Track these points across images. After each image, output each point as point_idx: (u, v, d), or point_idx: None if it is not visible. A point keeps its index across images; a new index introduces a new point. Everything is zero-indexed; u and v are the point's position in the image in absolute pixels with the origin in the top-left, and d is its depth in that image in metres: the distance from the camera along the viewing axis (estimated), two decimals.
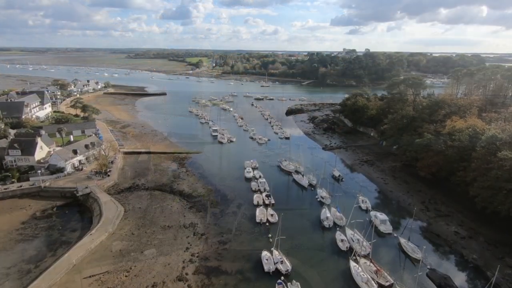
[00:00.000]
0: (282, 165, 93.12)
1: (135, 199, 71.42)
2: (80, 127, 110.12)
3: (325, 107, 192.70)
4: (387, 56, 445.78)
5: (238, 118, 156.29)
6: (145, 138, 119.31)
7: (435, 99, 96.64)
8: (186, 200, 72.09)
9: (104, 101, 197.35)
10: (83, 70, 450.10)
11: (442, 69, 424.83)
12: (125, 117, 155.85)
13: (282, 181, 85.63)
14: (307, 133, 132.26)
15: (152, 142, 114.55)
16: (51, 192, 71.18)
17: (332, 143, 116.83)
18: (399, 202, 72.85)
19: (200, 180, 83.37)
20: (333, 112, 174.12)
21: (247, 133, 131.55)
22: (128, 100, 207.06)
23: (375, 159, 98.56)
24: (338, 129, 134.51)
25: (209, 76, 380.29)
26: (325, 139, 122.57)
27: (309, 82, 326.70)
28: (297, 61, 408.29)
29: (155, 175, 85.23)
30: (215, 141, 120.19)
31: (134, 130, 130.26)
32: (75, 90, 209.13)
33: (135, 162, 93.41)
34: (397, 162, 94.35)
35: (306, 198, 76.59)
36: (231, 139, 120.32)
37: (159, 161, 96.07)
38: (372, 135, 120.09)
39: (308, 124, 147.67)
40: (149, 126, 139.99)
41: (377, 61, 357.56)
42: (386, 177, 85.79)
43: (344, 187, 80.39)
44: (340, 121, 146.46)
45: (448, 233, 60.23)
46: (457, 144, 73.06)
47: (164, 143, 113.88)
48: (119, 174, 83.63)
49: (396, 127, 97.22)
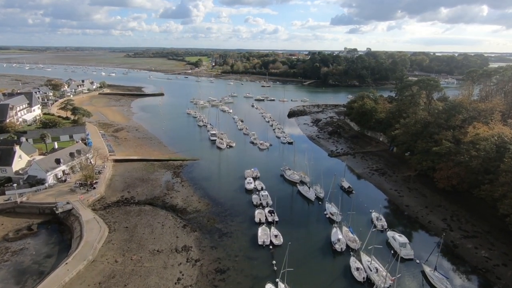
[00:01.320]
0: (285, 174, 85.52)
1: (122, 216, 63.78)
2: (68, 132, 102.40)
3: (329, 108, 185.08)
4: (389, 56, 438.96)
5: (238, 121, 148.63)
6: (139, 143, 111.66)
7: (451, 102, 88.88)
8: (179, 217, 64.45)
9: (99, 102, 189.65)
10: (80, 69, 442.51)
11: (446, 68, 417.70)
12: (119, 120, 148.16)
13: (286, 193, 78.00)
14: (311, 137, 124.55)
15: (146, 148, 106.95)
16: (28, 208, 63.55)
17: (339, 148, 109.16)
18: (418, 219, 65.22)
19: (196, 192, 75.77)
20: (337, 114, 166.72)
21: (248, 137, 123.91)
22: (124, 101, 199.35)
23: (386, 168, 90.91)
24: (344, 133, 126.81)
25: (209, 76, 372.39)
26: (331, 144, 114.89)
27: (310, 82, 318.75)
28: (298, 61, 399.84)
29: (147, 186, 77.58)
30: (213, 146, 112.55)
31: (128, 134, 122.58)
32: (69, 90, 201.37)
33: (125, 171, 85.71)
34: (411, 171, 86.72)
35: (313, 213, 69.00)
36: (231, 144, 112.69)
37: (152, 169, 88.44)
38: (381, 140, 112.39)
39: (312, 127, 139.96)
40: (144, 129, 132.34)
41: (380, 61, 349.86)
42: (400, 188, 78.14)
43: (354, 200, 72.73)
44: (345, 125, 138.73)
45: (477, 259, 52.66)
46: (482, 154, 65.42)
47: (158, 149, 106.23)
48: (107, 185, 75.97)
49: (409, 132, 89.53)
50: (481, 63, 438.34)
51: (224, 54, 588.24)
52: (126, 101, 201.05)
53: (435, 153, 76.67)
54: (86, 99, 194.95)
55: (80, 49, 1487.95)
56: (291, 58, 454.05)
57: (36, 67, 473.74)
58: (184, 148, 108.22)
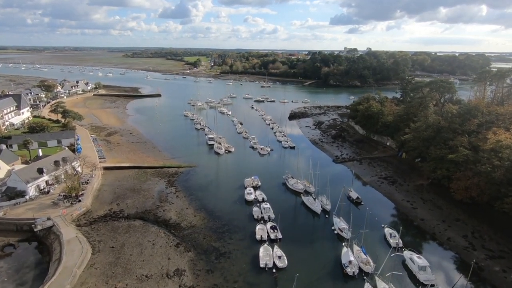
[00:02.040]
0: (288, 183, 79.45)
1: (109, 233, 57.61)
2: (56, 137, 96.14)
3: (331, 110, 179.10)
4: (390, 56, 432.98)
5: (237, 123, 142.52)
6: (132, 148, 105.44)
7: (466, 105, 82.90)
8: (172, 233, 58.31)
9: (93, 104, 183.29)
10: (77, 70, 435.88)
11: (448, 68, 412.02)
12: (113, 122, 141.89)
13: (289, 204, 71.97)
14: (314, 141, 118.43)
15: (140, 153, 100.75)
16: (5, 224, 57.32)
17: (344, 154, 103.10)
18: (435, 235, 59.19)
19: (192, 203, 69.64)
20: (340, 116, 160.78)
21: (247, 141, 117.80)
22: (119, 103, 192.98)
23: (396, 176, 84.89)
24: (349, 137, 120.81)
25: (207, 76, 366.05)
26: (335, 149, 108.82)
27: (311, 82, 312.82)
28: (298, 61, 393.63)
29: (138, 197, 71.38)
30: (211, 152, 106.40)
31: (121, 139, 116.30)
32: (63, 91, 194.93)
33: (116, 180, 79.49)
34: (423, 179, 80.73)
35: (319, 228, 62.90)
36: (229, 149, 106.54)
37: (145, 178, 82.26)
38: (388, 145, 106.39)
39: (315, 131, 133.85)
40: (138, 133, 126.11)
41: (381, 61, 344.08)
42: (413, 199, 72.12)
43: (364, 213, 66.74)
44: (350, 128, 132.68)
45: (507, 285, 46.67)
46: (506, 164, 59.48)
47: (153, 155, 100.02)
48: (94, 197, 69.74)
49: (420, 137, 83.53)
50: (483, 63, 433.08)
51: (223, 54, 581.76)
52: (121, 102, 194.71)
53: (451, 160, 70.75)
54: (80, 101, 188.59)
55: (79, 49, 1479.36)
56: (291, 58, 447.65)
57: (33, 67, 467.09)
58: (180, 154, 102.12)
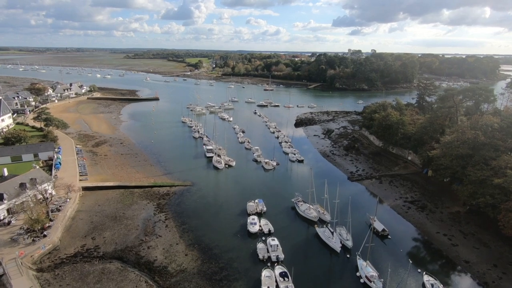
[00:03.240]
0: (299, 208, 67.33)
1: (75, 283, 45.58)
2: (32, 150, 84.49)
3: (340, 116, 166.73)
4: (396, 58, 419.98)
5: (239, 132, 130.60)
6: (120, 162, 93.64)
7: (509, 118, 70.47)
8: (157, 283, 46.24)
9: (85, 109, 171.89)
10: (75, 71, 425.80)
11: (457, 71, 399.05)
12: (104, 130, 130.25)
13: (301, 238, 59.74)
14: (324, 153, 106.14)
15: (128, 168, 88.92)
16: None
17: (360, 169, 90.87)
18: (489, 286, 46.83)
19: (183, 237, 57.68)
20: (350, 124, 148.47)
21: (250, 152, 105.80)
22: (114, 107, 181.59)
23: (425, 199, 72.51)
24: (363, 148, 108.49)
25: (208, 78, 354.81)
26: (349, 163, 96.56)
27: (316, 85, 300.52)
28: (302, 63, 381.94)
29: (119, 229, 59.45)
30: (209, 166, 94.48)
31: (109, 150, 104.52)
32: (54, 95, 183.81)
33: (95, 205, 67.60)
34: (459, 205, 68.34)
35: (341, 273, 50.59)
36: (230, 163, 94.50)
37: (130, 200, 70.38)
38: (409, 160, 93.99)
39: (324, 140, 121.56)
40: (130, 142, 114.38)
41: (389, 63, 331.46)
42: (451, 232, 59.74)
43: (393, 250, 54.56)
44: (363, 138, 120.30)
45: None
46: None
47: (143, 170, 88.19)
48: (65, 229, 57.86)
49: (453, 154, 71.17)
50: (493, 65, 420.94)
51: (225, 56, 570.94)
52: (116, 106, 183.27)
53: (496, 186, 58.44)
54: (72, 105, 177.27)
55: (81, 50, 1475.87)
56: (294, 60, 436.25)
57: (31, 68, 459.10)
58: (174, 168, 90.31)
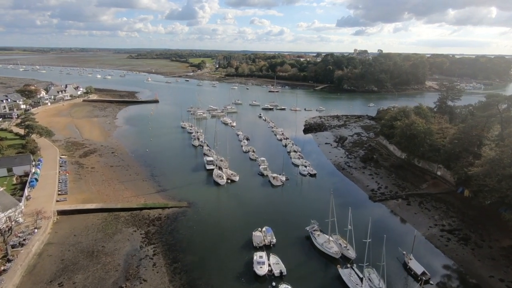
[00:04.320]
0: (316, 241, 55.67)
1: None
2: (5, 164, 73.49)
3: (351, 121, 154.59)
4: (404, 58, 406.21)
5: (243, 139, 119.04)
6: (109, 176, 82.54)
7: None
8: None
9: (79, 112, 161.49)
10: (76, 71, 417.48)
11: (469, 72, 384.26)
12: (96, 137, 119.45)
13: (321, 283, 47.97)
14: (339, 165, 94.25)
15: (117, 184, 77.78)
16: None
17: (382, 186, 78.93)
18: None
19: (174, 279, 46.45)
20: (364, 130, 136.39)
21: (255, 164, 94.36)
22: (111, 110, 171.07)
23: (466, 228, 60.48)
24: (382, 159, 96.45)
25: (211, 79, 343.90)
26: (368, 178, 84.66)
27: (323, 86, 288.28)
28: (308, 63, 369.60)
29: (95, 269, 48.20)
30: (209, 180, 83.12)
31: (98, 161, 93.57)
32: (47, 97, 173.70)
33: (70, 235, 56.44)
34: (511, 237, 56.31)
35: None
36: (232, 178, 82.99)
37: (114, 227, 59.20)
38: (439, 175, 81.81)
39: (337, 150, 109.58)
40: (122, 151, 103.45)
41: (399, 63, 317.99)
42: (509, 277, 47.77)
43: None
44: (381, 147, 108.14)
45: None
46: None
47: (133, 186, 77.03)
48: (27, 271, 46.71)
49: (502, 175, 59.09)
50: (505, 66, 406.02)
51: (229, 56, 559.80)
52: (113, 109, 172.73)
53: None
54: (65, 108, 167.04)
55: (85, 50, 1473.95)
56: (300, 60, 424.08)
57: (31, 68, 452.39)
58: (169, 184, 79.12)
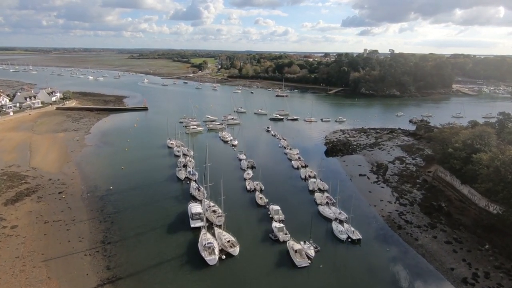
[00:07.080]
0: None
1: None
2: None
3: (384, 137, 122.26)
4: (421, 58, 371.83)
5: (246, 168, 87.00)
6: (33, 244, 51.51)
7: None
8: None
9: (45, 124, 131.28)
10: (69, 72, 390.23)
11: (495, 73, 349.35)
12: (48, 164, 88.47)
13: None
14: (391, 220, 62.22)
15: (39, 262, 46.86)
16: None
17: (479, 271, 47.06)
18: None
19: None
20: (405, 152, 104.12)
21: (264, 214, 63.05)
22: (86, 121, 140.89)
23: None
24: (455, 210, 64.36)
25: (212, 81, 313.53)
26: (447, 249, 52.63)
27: (337, 90, 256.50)
28: (319, 63, 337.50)
29: None
30: (192, 252, 51.68)
31: (31, 211, 62.47)
32: (11, 105, 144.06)
33: None
34: None
35: None
36: (229, 249, 51.29)
37: None
38: None
39: (379, 187, 77.43)
40: (75, 189, 72.52)
41: (421, 64, 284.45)
42: None
43: None
44: (444, 184, 75.88)
45: None
46: None
47: (66, 266, 45.98)
48: None
49: None
50: None
51: (232, 56, 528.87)
52: (89, 120, 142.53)
53: None
54: (29, 119, 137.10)
55: (89, 50, 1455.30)
56: (309, 60, 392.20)
57: (23, 69, 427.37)
58: (127, 260, 47.98)
